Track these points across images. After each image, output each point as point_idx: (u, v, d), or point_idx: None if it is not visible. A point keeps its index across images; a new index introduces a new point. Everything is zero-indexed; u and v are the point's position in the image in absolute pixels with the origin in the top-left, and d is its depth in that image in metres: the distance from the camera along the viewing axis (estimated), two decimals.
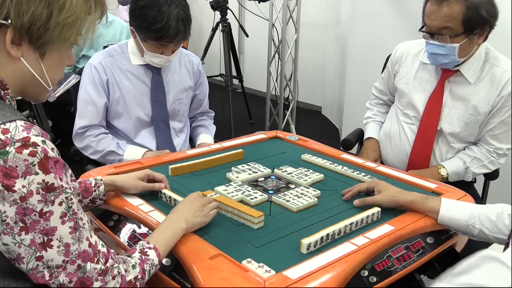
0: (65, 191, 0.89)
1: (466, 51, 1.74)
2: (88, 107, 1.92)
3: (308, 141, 1.96)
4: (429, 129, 1.87)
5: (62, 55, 0.99)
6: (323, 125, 4.87)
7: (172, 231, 1.14)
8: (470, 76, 1.79)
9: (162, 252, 1.08)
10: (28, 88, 0.99)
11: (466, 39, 1.69)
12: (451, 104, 1.84)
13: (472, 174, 1.84)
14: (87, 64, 1.95)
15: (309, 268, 1.06)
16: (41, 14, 0.90)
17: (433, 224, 1.30)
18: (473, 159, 1.83)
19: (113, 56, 1.95)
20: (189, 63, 2.09)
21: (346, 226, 1.23)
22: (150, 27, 1.76)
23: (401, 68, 1.98)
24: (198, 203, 1.24)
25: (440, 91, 1.85)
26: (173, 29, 1.75)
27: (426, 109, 1.87)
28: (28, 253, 0.87)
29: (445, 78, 1.84)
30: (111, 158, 1.91)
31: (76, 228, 0.91)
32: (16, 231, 0.86)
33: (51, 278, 0.89)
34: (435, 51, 1.73)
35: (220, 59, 4.36)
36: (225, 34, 4.21)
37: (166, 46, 1.83)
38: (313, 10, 4.87)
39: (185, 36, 1.82)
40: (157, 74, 1.98)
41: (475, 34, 1.69)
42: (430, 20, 1.70)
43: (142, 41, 1.84)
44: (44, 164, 0.86)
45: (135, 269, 1.00)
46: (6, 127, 0.85)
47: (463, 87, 1.81)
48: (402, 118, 1.96)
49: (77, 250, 0.91)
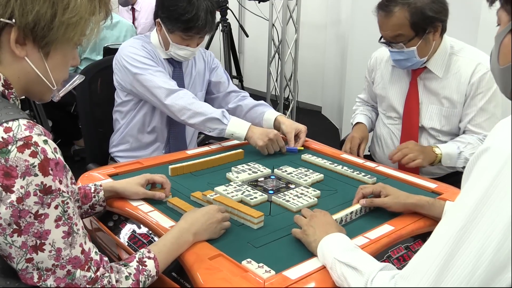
0: (61, 195, 0.89)
1: (425, 50, 1.80)
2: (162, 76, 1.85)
3: (308, 141, 1.96)
4: (412, 127, 1.94)
5: (66, 55, 0.99)
6: (323, 125, 4.87)
7: (179, 243, 1.11)
8: (437, 70, 1.86)
9: (162, 263, 1.06)
10: (32, 88, 0.99)
11: (421, 40, 1.77)
12: (428, 100, 1.91)
13: (464, 159, 1.82)
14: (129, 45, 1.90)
15: (309, 268, 1.06)
16: (46, 14, 0.90)
17: (433, 224, 1.30)
18: (466, 145, 1.82)
19: (148, 44, 1.94)
20: (202, 57, 2.11)
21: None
22: (180, 18, 1.78)
23: (377, 75, 2.07)
24: (214, 219, 1.19)
25: (414, 89, 1.93)
26: (202, 20, 1.78)
27: (405, 109, 1.95)
28: (18, 254, 0.87)
29: (415, 76, 1.92)
30: (213, 126, 1.81)
31: (70, 233, 0.90)
32: (8, 232, 0.85)
33: (39, 281, 0.89)
34: (397, 58, 1.84)
35: (220, 59, 4.34)
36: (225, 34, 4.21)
37: (192, 38, 1.85)
38: (313, 10, 4.87)
39: (211, 28, 1.85)
40: (179, 69, 2.01)
41: (428, 33, 1.76)
42: (383, 31, 1.80)
43: (168, 33, 1.86)
44: (44, 166, 0.86)
45: (128, 280, 0.98)
46: (9, 125, 0.85)
47: (434, 82, 1.88)
48: (387, 121, 2.04)
49: (68, 255, 0.90)
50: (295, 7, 4.14)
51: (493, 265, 0.75)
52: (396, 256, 1.19)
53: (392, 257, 1.18)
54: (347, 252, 1.02)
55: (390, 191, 1.35)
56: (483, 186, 0.77)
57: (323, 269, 1.06)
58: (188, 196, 1.43)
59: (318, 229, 1.14)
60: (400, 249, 1.21)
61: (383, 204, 1.33)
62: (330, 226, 1.15)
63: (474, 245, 0.76)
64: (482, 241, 0.75)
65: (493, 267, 0.75)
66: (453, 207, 0.82)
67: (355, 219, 1.32)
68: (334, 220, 1.21)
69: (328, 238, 1.09)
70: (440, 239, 0.80)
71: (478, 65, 1.80)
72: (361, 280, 0.92)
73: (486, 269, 0.75)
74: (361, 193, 1.38)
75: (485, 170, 0.78)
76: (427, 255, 0.81)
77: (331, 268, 1.02)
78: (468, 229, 0.77)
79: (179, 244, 1.11)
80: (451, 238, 0.78)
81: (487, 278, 0.75)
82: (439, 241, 0.80)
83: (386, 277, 0.88)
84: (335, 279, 1.01)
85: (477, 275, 0.75)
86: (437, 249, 0.79)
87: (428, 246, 0.83)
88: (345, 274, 0.97)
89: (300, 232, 1.18)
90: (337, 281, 1.00)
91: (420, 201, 1.31)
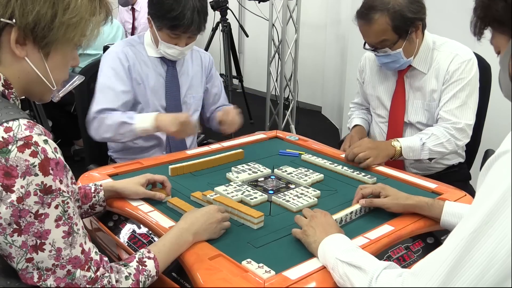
0: (62, 195, 0.89)
1: (410, 50, 1.84)
2: (106, 91, 1.88)
3: (308, 141, 1.97)
4: (397, 124, 1.98)
5: (66, 56, 0.99)
6: (323, 125, 4.87)
7: (178, 243, 1.11)
8: (422, 67, 1.89)
9: (162, 263, 1.06)
10: (32, 88, 0.99)
11: (405, 42, 1.79)
12: (413, 96, 1.93)
13: (428, 151, 1.81)
14: (108, 52, 1.94)
15: (309, 269, 1.06)
16: (46, 14, 0.90)
17: (433, 224, 1.30)
18: (430, 136, 1.82)
19: (134, 46, 1.96)
20: (200, 59, 2.11)
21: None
22: (166, 15, 1.77)
23: (366, 74, 2.09)
24: (214, 219, 1.19)
25: (401, 87, 1.95)
26: (188, 18, 1.76)
27: (392, 106, 1.99)
28: (18, 254, 0.87)
29: (402, 74, 1.94)
30: (124, 130, 1.80)
31: (70, 233, 0.91)
32: (8, 232, 0.86)
33: (39, 280, 0.89)
34: (384, 61, 1.86)
35: (220, 59, 4.35)
36: (225, 34, 4.21)
37: (180, 37, 1.84)
38: (313, 10, 4.87)
39: (199, 28, 1.83)
40: (172, 67, 1.99)
41: (411, 33, 1.79)
42: (366, 38, 1.82)
43: (157, 30, 1.85)
44: (44, 166, 0.86)
45: (128, 280, 0.98)
46: (9, 125, 0.85)
47: (419, 78, 1.91)
48: (377, 119, 2.07)
49: (68, 255, 0.90)
50: (295, 7, 4.14)
51: (506, 266, 0.74)
52: (396, 256, 1.19)
53: (392, 257, 1.18)
54: (349, 251, 1.01)
55: (390, 192, 1.35)
56: (500, 190, 0.76)
57: (323, 270, 1.06)
58: (188, 196, 1.43)
59: (318, 230, 1.14)
60: (400, 249, 1.21)
61: (382, 205, 1.33)
62: (330, 227, 1.15)
63: (487, 247, 0.75)
64: (495, 243, 0.74)
65: (506, 269, 0.74)
66: (469, 209, 0.82)
67: (355, 219, 1.32)
68: (334, 221, 1.20)
69: (328, 239, 1.09)
70: (453, 241, 0.79)
71: (456, 56, 1.83)
72: (365, 279, 0.92)
73: (498, 270, 0.74)
74: (360, 194, 1.38)
75: (502, 173, 0.77)
76: (439, 255, 0.81)
77: (332, 268, 1.02)
78: (482, 231, 0.76)
79: (179, 244, 1.11)
80: (464, 239, 0.77)
81: (499, 279, 0.74)
82: (451, 242, 0.80)
83: (392, 275, 0.88)
84: (337, 279, 1.00)
85: (488, 276, 0.74)
86: (449, 250, 0.79)
87: (440, 248, 0.82)
88: (348, 273, 0.97)
89: (300, 232, 1.18)
90: (339, 281, 1.00)
91: (420, 202, 1.31)
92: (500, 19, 0.86)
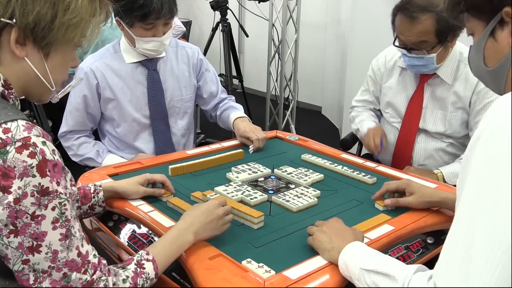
0: (59, 196, 0.88)
1: (442, 57, 1.83)
2: (73, 112, 1.91)
3: (308, 141, 1.96)
4: (410, 132, 1.96)
5: (66, 56, 0.99)
6: (323, 125, 4.87)
7: (178, 244, 1.09)
8: (447, 77, 1.87)
9: (161, 265, 1.05)
10: (31, 88, 0.99)
11: (442, 48, 1.78)
12: (433, 105, 1.92)
13: None
14: (78, 69, 1.89)
15: (309, 268, 1.06)
16: (46, 14, 0.90)
17: (433, 224, 1.30)
18: None
19: (104, 58, 1.89)
20: (187, 56, 2.03)
21: None
22: (133, 6, 1.70)
23: (383, 75, 2.06)
24: (215, 215, 1.16)
25: (420, 94, 1.94)
26: (156, 2, 1.69)
27: (407, 111, 1.97)
28: (14, 255, 0.87)
29: (424, 81, 1.92)
30: (91, 164, 1.89)
31: (67, 236, 0.90)
32: (4, 233, 0.85)
33: (35, 283, 0.88)
34: (415, 63, 1.83)
35: (220, 59, 4.35)
36: (225, 34, 4.21)
37: (155, 26, 1.77)
38: (313, 10, 4.87)
39: (171, 10, 1.75)
40: (153, 71, 1.92)
41: (448, 41, 1.78)
42: (405, 37, 1.78)
43: (129, 28, 1.78)
44: (42, 167, 0.85)
45: (125, 284, 0.96)
46: (8, 126, 0.85)
47: (441, 88, 1.89)
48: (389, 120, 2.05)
49: (64, 258, 0.89)
50: (295, 7, 4.14)
51: None
52: (396, 256, 1.19)
53: (392, 257, 1.18)
54: (371, 258, 0.99)
55: (415, 189, 1.35)
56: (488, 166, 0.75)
57: (323, 269, 1.06)
58: (188, 196, 1.43)
59: (334, 236, 1.10)
60: (400, 249, 1.21)
61: (408, 205, 1.33)
62: (346, 232, 1.13)
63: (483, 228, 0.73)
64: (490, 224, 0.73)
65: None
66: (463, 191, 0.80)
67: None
68: (346, 226, 1.17)
69: (348, 249, 1.05)
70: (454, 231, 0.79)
71: None
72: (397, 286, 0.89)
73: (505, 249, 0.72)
74: (385, 189, 1.38)
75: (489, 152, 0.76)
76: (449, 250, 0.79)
77: (358, 279, 0.98)
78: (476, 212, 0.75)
79: (178, 245, 1.10)
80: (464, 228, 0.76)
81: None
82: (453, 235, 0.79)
83: (424, 278, 0.85)
84: None
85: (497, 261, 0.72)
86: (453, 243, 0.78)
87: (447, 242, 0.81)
88: (377, 282, 0.93)
89: (311, 238, 1.15)
90: None
91: (445, 198, 1.31)
92: (478, 6, 0.89)
